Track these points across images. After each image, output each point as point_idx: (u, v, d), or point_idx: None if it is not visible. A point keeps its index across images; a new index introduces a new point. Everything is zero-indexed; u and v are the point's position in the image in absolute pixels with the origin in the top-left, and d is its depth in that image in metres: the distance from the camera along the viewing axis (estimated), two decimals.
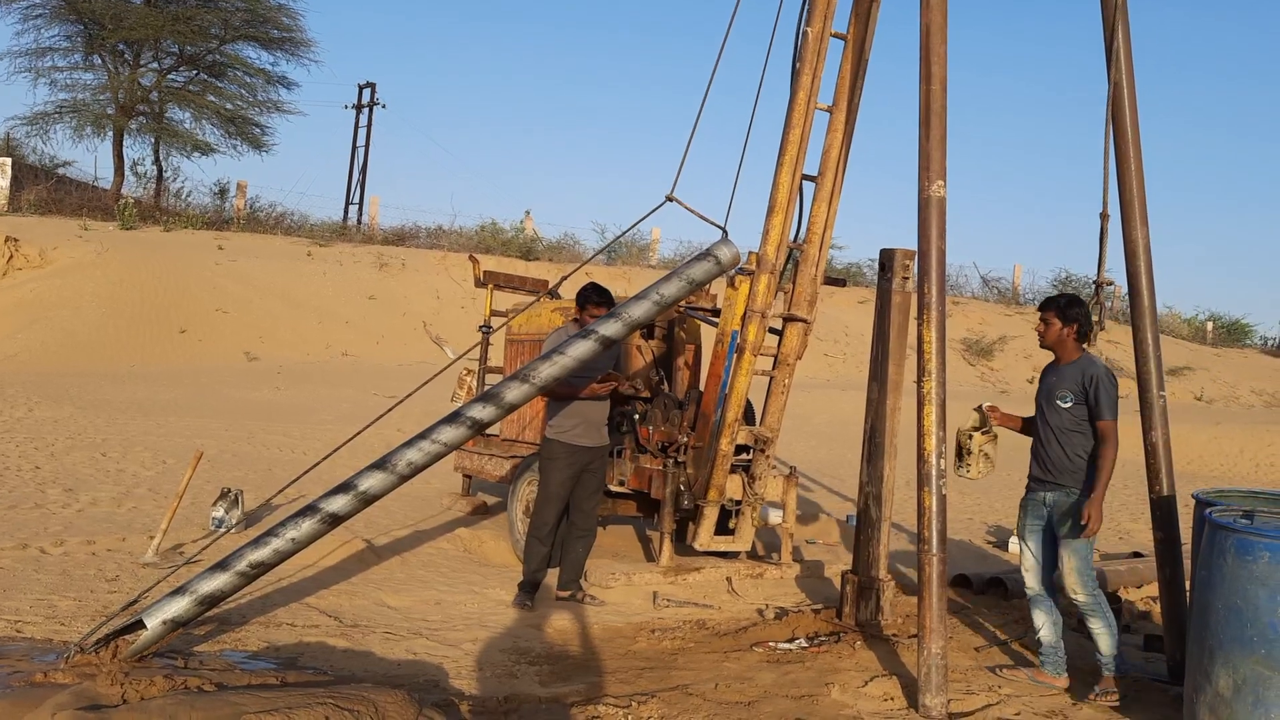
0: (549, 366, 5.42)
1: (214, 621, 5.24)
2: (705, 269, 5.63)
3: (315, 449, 11.27)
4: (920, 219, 4.82)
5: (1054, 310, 5.15)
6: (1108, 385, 4.98)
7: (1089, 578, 4.97)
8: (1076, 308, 5.13)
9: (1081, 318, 5.11)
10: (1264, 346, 34.34)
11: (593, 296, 6.19)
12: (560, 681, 4.84)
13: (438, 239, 29.14)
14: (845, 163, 6.66)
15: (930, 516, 4.63)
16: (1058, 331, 5.13)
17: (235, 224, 27.60)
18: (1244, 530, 3.98)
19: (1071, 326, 5.11)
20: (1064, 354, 5.17)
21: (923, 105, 4.88)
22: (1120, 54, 5.48)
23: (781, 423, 6.97)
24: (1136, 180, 5.50)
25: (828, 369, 24.26)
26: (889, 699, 4.73)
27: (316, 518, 4.94)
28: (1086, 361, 5.10)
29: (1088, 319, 5.15)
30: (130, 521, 7.52)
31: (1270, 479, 15.49)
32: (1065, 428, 5.06)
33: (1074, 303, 5.17)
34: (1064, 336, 5.13)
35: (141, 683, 3.75)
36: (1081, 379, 5.02)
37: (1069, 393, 5.05)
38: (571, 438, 6.20)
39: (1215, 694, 3.96)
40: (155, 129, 28.48)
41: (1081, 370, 5.05)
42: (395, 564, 6.89)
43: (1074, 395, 5.03)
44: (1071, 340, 5.13)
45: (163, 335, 20.47)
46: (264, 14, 28.80)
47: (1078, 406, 5.02)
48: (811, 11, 6.33)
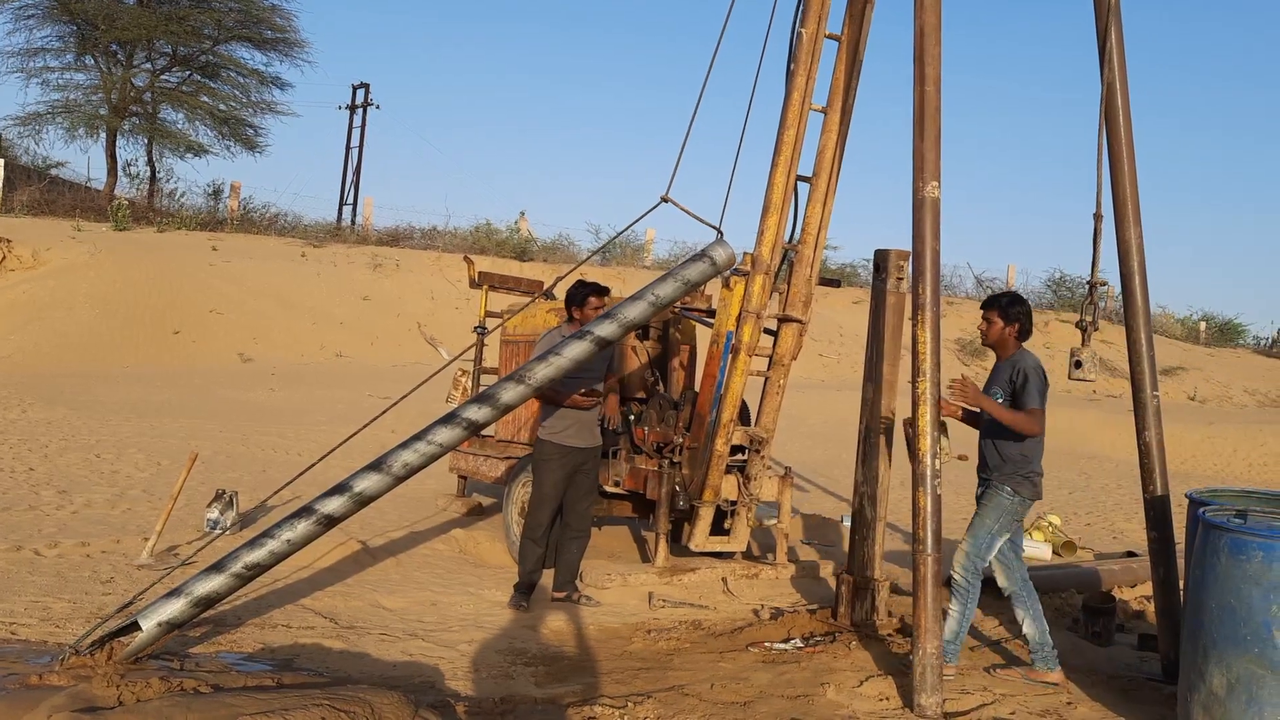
0: (544, 368, 5.43)
1: (209, 623, 5.24)
2: (700, 270, 5.63)
3: (309, 450, 11.26)
4: (915, 220, 4.84)
5: (996, 309, 5.20)
6: (1036, 377, 5.03)
7: (974, 563, 5.08)
8: (1018, 306, 5.20)
9: (1022, 317, 5.17)
10: (1257, 346, 34.42)
11: (590, 291, 6.20)
12: (556, 682, 4.84)
13: (432, 240, 29.11)
14: (840, 163, 6.67)
15: (925, 516, 4.64)
16: (1000, 330, 5.19)
17: (229, 225, 27.54)
18: (1237, 530, 4.00)
19: (1013, 325, 5.17)
20: (1003, 352, 5.22)
21: (917, 106, 4.89)
22: (1113, 55, 5.50)
23: (776, 423, 6.98)
24: (1129, 181, 5.52)
25: (823, 369, 24.28)
26: (884, 699, 4.74)
27: (312, 519, 4.94)
28: (1019, 356, 5.15)
29: (1028, 318, 5.21)
30: (125, 523, 7.51)
31: (1263, 478, 15.55)
32: (996, 424, 5.10)
33: (1016, 301, 5.24)
34: (1006, 335, 5.18)
35: (137, 685, 3.75)
36: (1011, 372, 5.08)
37: (999, 390, 5.12)
38: (564, 438, 6.20)
39: (1209, 693, 3.98)
40: (148, 130, 28.41)
41: (1013, 365, 5.10)
42: (391, 565, 6.89)
43: (1003, 391, 5.09)
44: (1012, 339, 5.18)
45: (156, 336, 20.42)
46: (257, 15, 28.74)
47: (1006, 401, 5.08)
48: (806, 12, 6.34)
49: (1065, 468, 15.00)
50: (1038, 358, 5.19)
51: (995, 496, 5.11)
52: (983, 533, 5.10)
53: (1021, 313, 5.17)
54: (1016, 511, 5.13)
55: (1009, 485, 5.08)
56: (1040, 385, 5.03)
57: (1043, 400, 5.03)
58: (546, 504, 6.24)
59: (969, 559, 5.09)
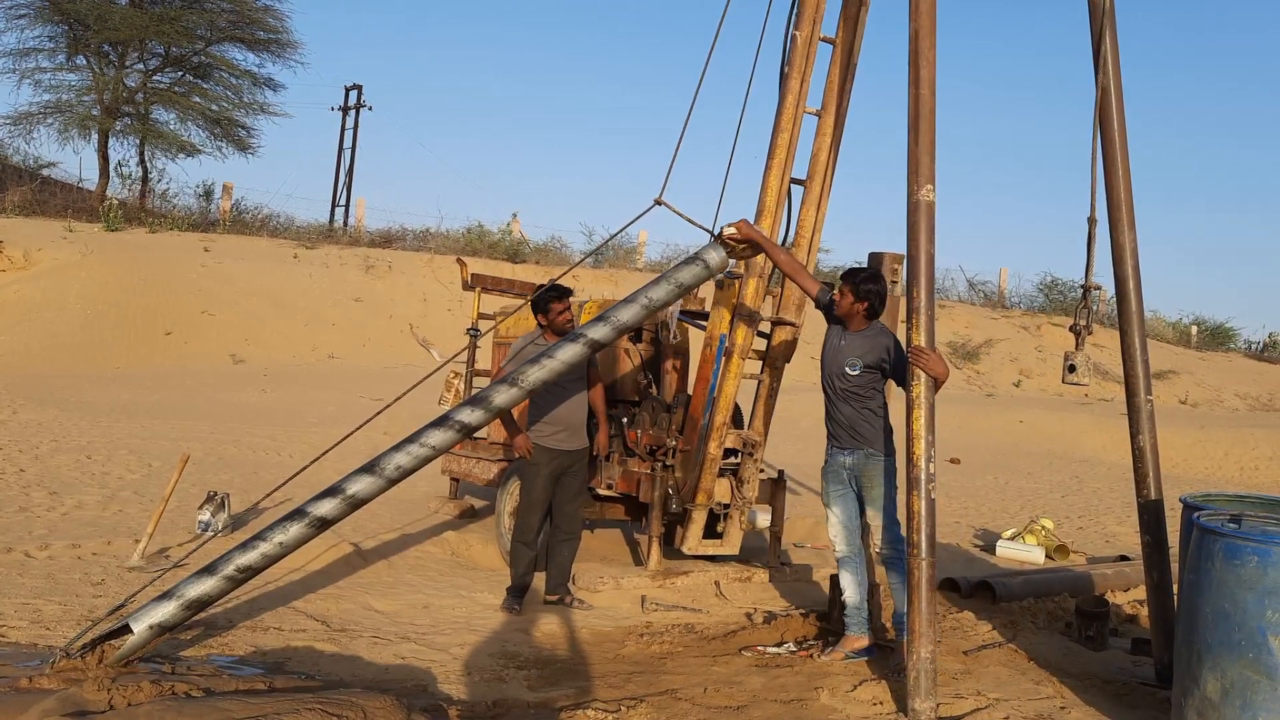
0: (537, 370, 5.42)
1: (201, 626, 5.21)
2: (694, 273, 5.63)
3: (302, 452, 11.22)
4: (909, 223, 4.83)
5: (849, 285, 5.39)
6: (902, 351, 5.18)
7: (894, 533, 5.30)
8: (871, 285, 5.39)
9: (872, 296, 5.38)
10: (1248, 350, 34.53)
11: (552, 296, 6.22)
12: (549, 686, 4.82)
13: (425, 241, 29.06)
14: (834, 166, 6.67)
15: (920, 520, 4.63)
16: (849, 304, 5.40)
17: (221, 226, 27.45)
18: (1232, 534, 4.00)
19: (862, 303, 5.38)
20: (853, 325, 5.44)
21: (911, 110, 4.89)
22: (1108, 59, 5.50)
23: (769, 426, 6.98)
24: (1124, 185, 5.53)
25: (816, 372, 24.17)
26: (878, 703, 4.73)
27: (304, 521, 4.92)
28: (877, 331, 5.39)
29: (879, 299, 5.41)
30: (116, 525, 7.47)
31: (1255, 482, 15.59)
32: (854, 392, 5.33)
33: (870, 280, 5.42)
34: (854, 310, 5.40)
35: (129, 688, 3.72)
36: (875, 348, 5.31)
37: (857, 360, 5.32)
38: (552, 441, 6.19)
39: (1203, 698, 3.98)
40: (140, 130, 28.30)
41: (872, 341, 5.33)
42: (383, 568, 6.86)
43: (862, 362, 5.29)
44: (860, 315, 5.40)
45: (148, 337, 20.35)
46: (250, 15, 28.64)
47: (868, 372, 5.30)
48: (800, 15, 6.34)
49: (1058, 471, 15.02)
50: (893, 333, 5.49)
51: (887, 465, 5.34)
52: (891, 504, 5.33)
53: (872, 292, 5.38)
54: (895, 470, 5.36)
55: (883, 450, 5.35)
56: None
57: None
58: (536, 507, 6.23)
59: (887, 531, 5.31)
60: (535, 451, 6.19)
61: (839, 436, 5.45)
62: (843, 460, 5.44)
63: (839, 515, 5.49)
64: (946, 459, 14.85)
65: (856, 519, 5.48)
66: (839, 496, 5.48)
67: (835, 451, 5.49)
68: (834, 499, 5.50)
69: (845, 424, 5.39)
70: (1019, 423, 19.04)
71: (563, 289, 6.31)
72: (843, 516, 5.48)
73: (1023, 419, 19.36)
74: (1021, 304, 33.68)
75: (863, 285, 5.38)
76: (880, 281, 5.47)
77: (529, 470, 6.22)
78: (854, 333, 5.43)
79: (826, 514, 5.57)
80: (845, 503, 5.47)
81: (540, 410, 6.20)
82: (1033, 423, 19.13)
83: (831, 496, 5.51)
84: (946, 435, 17.27)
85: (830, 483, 5.51)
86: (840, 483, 5.46)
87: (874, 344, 5.34)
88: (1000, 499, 12.11)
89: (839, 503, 5.49)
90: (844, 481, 5.45)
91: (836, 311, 5.50)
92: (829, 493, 5.52)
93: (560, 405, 6.19)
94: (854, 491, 5.45)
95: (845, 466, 5.43)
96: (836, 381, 5.42)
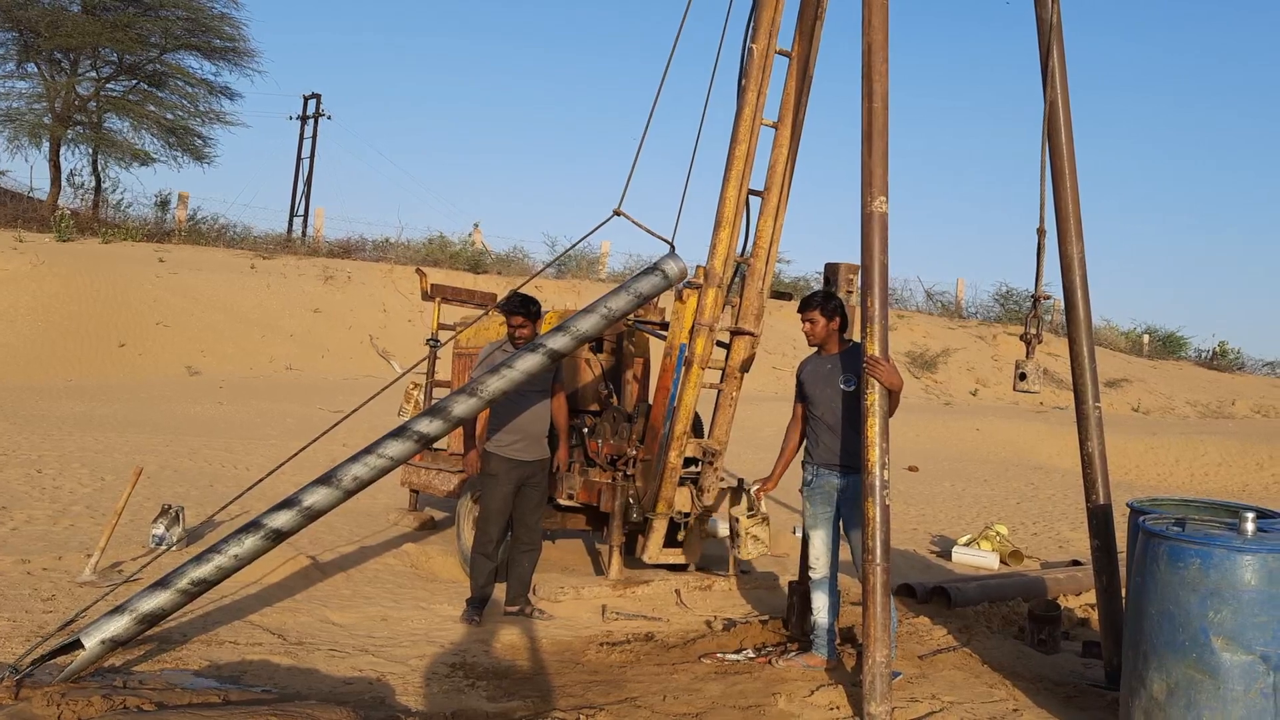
0: (496, 380, 5.43)
1: (155, 640, 5.15)
2: (652, 283, 5.67)
3: (259, 464, 11.11)
4: (863, 233, 4.89)
5: (817, 309, 5.44)
6: None
7: None
8: (834, 301, 5.49)
9: (840, 309, 5.47)
10: (1198, 359, 35.19)
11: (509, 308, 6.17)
12: (508, 696, 4.82)
13: (385, 252, 28.93)
14: (791, 178, 6.74)
15: (874, 527, 4.68)
16: (824, 327, 5.45)
17: (176, 236, 27.13)
18: (1175, 538, 4.08)
19: (834, 320, 5.45)
20: (831, 346, 5.49)
21: (865, 122, 4.96)
22: (1055, 73, 5.61)
23: (730, 435, 7.02)
24: (1072, 196, 5.63)
25: (776, 382, 24.41)
26: (834, 708, 4.78)
27: (260, 534, 4.89)
28: (856, 347, 5.36)
29: (845, 312, 5.50)
30: (67, 540, 7.35)
31: (1205, 488, 15.90)
32: (853, 410, 5.21)
33: (830, 297, 5.52)
34: (831, 331, 5.45)
35: (78, 703, 3.68)
36: (858, 363, 5.20)
37: (851, 375, 5.30)
38: (511, 452, 6.18)
39: (1150, 698, 4.06)
40: (93, 139, 27.94)
41: (857, 357, 5.22)
42: (341, 580, 6.82)
43: (856, 378, 5.25)
44: (836, 333, 5.47)
45: (101, 349, 20.06)
46: (206, 23, 28.41)
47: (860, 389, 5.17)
48: (757, 29, 6.41)
49: (1013, 478, 15.22)
50: None
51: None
52: None
53: (837, 306, 5.47)
54: None
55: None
56: None
57: None
58: (496, 518, 6.22)
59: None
60: (495, 462, 6.18)
61: (833, 458, 5.34)
62: (835, 483, 5.35)
63: (823, 538, 5.43)
64: (905, 467, 15.01)
65: (834, 542, 5.43)
66: (825, 519, 5.42)
67: (826, 473, 5.38)
68: (820, 521, 5.43)
69: (843, 447, 5.28)
70: (976, 431, 19.29)
71: (530, 301, 6.25)
72: (827, 539, 5.43)
73: (979, 427, 19.61)
74: (978, 314, 34.13)
75: (827, 303, 5.42)
76: (837, 297, 5.55)
77: (489, 481, 6.21)
78: (837, 353, 5.44)
79: (807, 535, 5.50)
80: (829, 526, 5.42)
81: (500, 420, 6.19)
82: (989, 431, 19.38)
83: (818, 519, 5.43)
84: (905, 443, 17.48)
85: (817, 505, 5.43)
86: (828, 504, 5.39)
87: (854, 358, 5.27)
88: (957, 506, 12.26)
89: (825, 525, 5.42)
90: (831, 503, 5.38)
91: (813, 341, 5.51)
92: (815, 514, 5.44)
93: (520, 415, 6.19)
94: (835, 512, 5.40)
95: (838, 489, 5.34)
96: (831, 401, 5.35)
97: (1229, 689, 3.88)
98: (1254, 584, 3.89)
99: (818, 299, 5.47)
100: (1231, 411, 27.73)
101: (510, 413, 6.16)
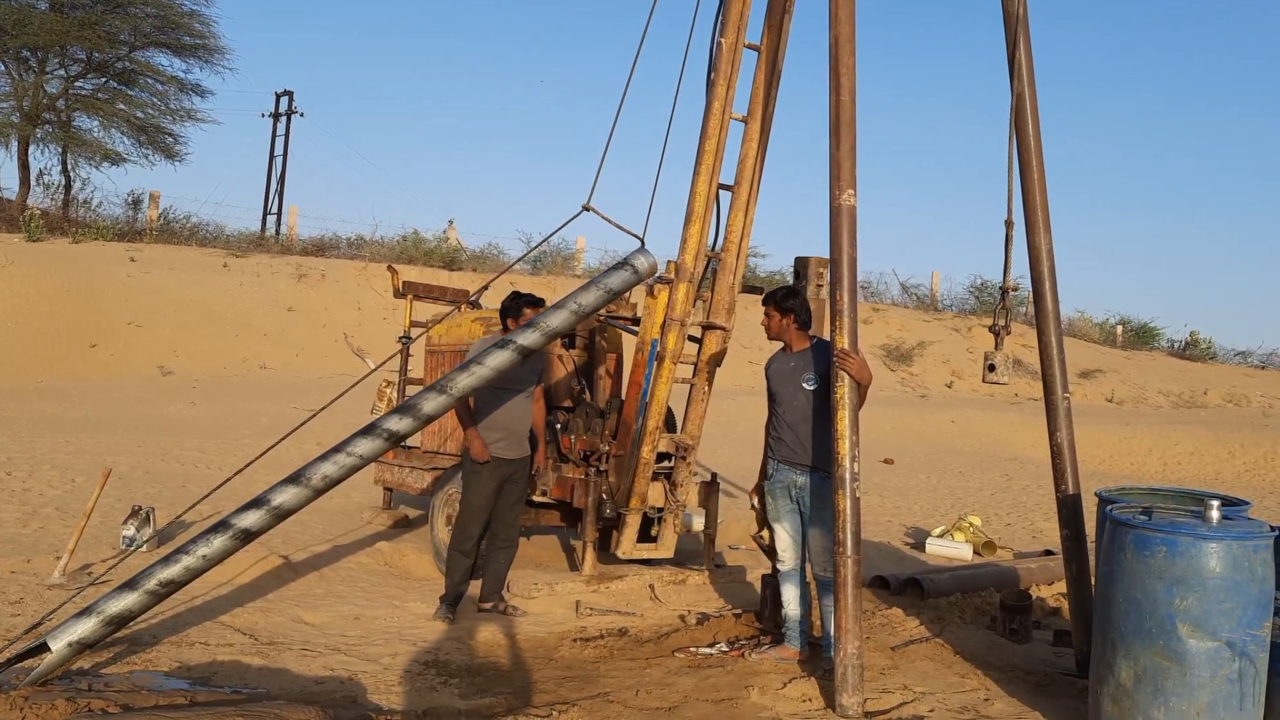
0: (466, 377, 5.41)
1: (124, 642, 5.09)
2: (623, 278, 5.66)
3: (232, 465, 11.01)
4: (831, 227, 4.91)
5: (772, 304, 5.44)
6: None
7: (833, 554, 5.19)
8: (792, 299, 5.44)
9: (797, 308, 5.43)
10: (1170, 349, 35.49)
11: (525, 303, 6.12)
12: (481, 694, 4.80)
13: (358, 249, 28.76)
14: (761, 172, 6.75)
15: (845, 519, 4.70)
16: (779, 323, 5.44)
17: (148, 235, 26.85)
18: (1142, 526, 4.12)
19: (789, 317, 5.42)
20: (793, 342, 5.47)
21: (832, 116, 4.97)
22: (1022, 66, 5.64)
23: (703, 429, 7.03)
24: (1040, 188, 5.66)
25: (750, 377, 24.40)
26: (807, 700, 4.79)
27: (229, 534, 4.85)
28: (823, 344, 5.34)
29: (803, 309, 5.46)
30: (36, 542, 7.28)
31: (1177, 476, 16.06)
32: (816, 409, 5.24)
33: (789, 295, 5.48)
34: (786, 326, 5.44)
35: (42, 706, 3.64)
36: (822, 359, 5.26)
37: (814, 374, 5.29)
38: (495, 450, 6.16)
39: (1118, 685, 4.10)
40: (62, 138, 27.60)
41: (824, 354, 5.24)
42: (313, 579, 6.78)
43: (819, 377, 5.25)
44: (794, 329, 5.44)
45: (72, 350, 19.86)
46: (176, 20, 28.09)
47: (823, 387, 5.21)
48: (725, 23, 6.41)
49: (987, 469, 15.32)
50: None
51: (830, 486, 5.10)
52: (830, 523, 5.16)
53: (795, 304, 5.43)
54: None
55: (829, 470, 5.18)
56: None
57: None
58: (477, 515, 6.18)
59: (828, 554, 5.18)
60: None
61: (794, 455, 5.35)
62: (794, 479, 5.36)
63: (789, 531, 5.45)
64: (880, 459, 15.07)
65: (800, 534, 5.44)
66: (789, 513, 5.43)
67: (785, 470, 5.39)
68: (784, 514, 5.45)
69: (804, 444, 5.30)
70: (951, 423, 19.40)
71: (537, 298, 6.20)
72: (792, 532, 5.45)
73: (954, 419, 19.73)
74: (953, 306, 34.28)
75: (783, 301, 5.41)
76: (798, 294, 5.51)
77: (472, 478, 6.17)
78: (799, 350, 5.43)
79: (773, 528, 5.53)
80: (794, 519, 5.43)
81: (484, 418, 6.15)
82: (964, 423, 19.50)
83: (782, 513, 5.45)
84: (881, 436, 17.55)
85: (779, 498, 5.45)
86: (789, 499, 5.41)
87: (821, 354, 5.29)
88: (932, 498, 12.33)
89: (789, 519, 5.44)
90: (792, 498, 5.40)
91: (770, 335, 5.52)
92: (778, 509, 5.46)
93: (504, 413, 6.15)
94: (798, 508, 5.41)
95: (797, 485, 5.35)
96: (793, 399, 5.34)
97: (1195, 675, 3.93)
98: (1219, 571, 3.93)
99: (775, 295, 5.46)
100: (1204, 401, 28.01)
101: (494, 410, 6.13)
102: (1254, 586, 3.96)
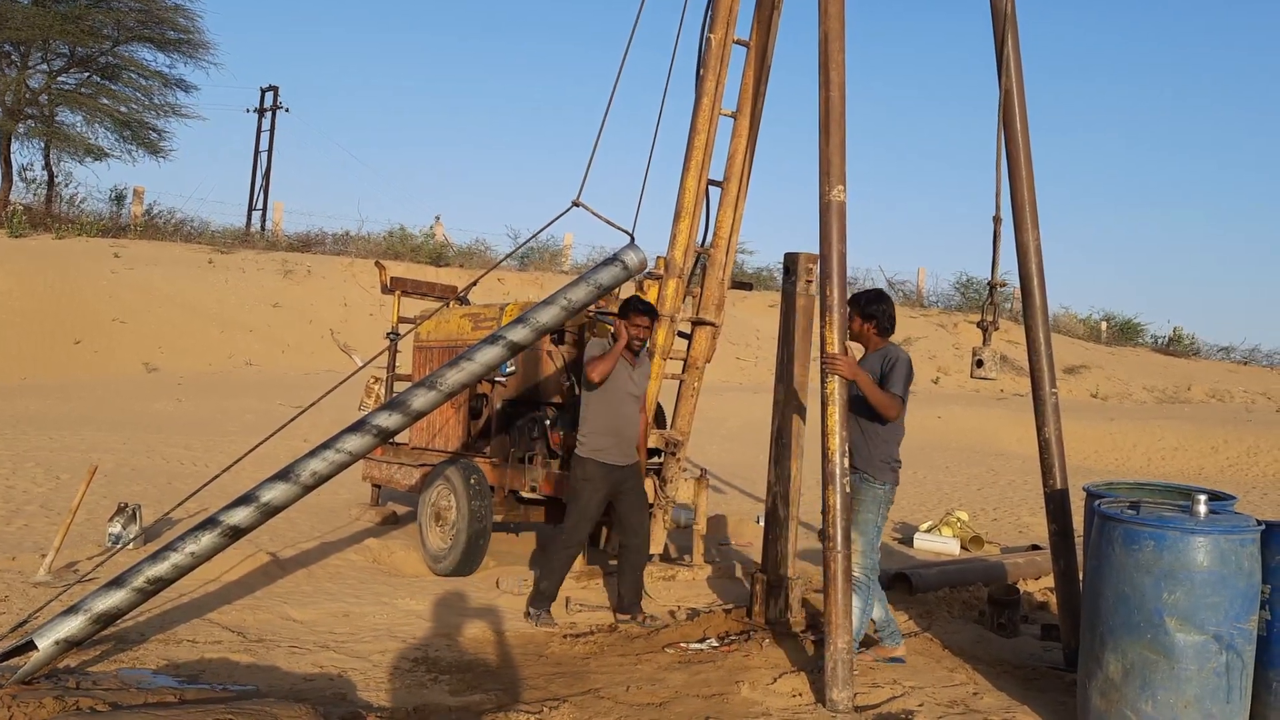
0: (456, 373, 5.38)
1: (111, 640, 5.07)
2: (612, 274, 5.65)
3: (218, 462, 10.97)
4: (821, 223, 4.91)
5: (856, 308, 5.42)
6: (903, 368, 5.25)
7: (868, 558, 5.22)
8: (876, 305, 5.42)
9: (879, 314, 5.42)
10: (1155, 345, 35.66)
11: (636, 306, 6.06)
12: (471, 690, 4.80)
13: (345, 245, 28.64)
14: (750, 168, 6.75)
15: (834, 514, 4.71)
16: (859, 326, 5.43)
17: (132, 231, 26.66)
18: (1130, 520, 4.14)
19: (870, 323, 5.41)
20: (869, 346, 5.47)
21: (822, 112, 4.98)
22: (1010, 62, 5.66)
23: (692, 425, 7.03)
24: (1027, 185, 5.69)
25: (739, 372, 24.50)
26: (797, 694, 4.80)
27: (217, 531, 4.82)
28: (890, 349, 5.38)
29: (886, 316, 5.44)
30: (21, 540, 7.23)
31: (1161, 471, 16.15)
32: (864, 413, 5.24)
33: (875, 300, 5.45)
34: (865, 331, 5.43)
35: (29, 704, 3.61)
36: (881, 363, 5.30)
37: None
38: (605, 456, 6.01)
39: (1106, 678, 4.12)
40: (45, 133, 27.36)
41: (883, 356, 5.32)
42: (302, 576, 6.75)
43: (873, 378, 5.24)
44: (873, 334, 5.43)
45: (56, 347, 19.73)
46: (159, 14, 27.85)
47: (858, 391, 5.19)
48: (714, 19, 6.41)
49: (974, 464, 15.37)
50: (909, 355, 5.44)
51: (869, 489, 5.24)
52: (869, 527, 5.25)
53: (878, 310, 5.41)
54: (888, 500, 5.34)
55: (877, 477, 5.26)
56: (906, 375, 5.26)
57: (906, 390, 5.26)
58: (587, 521, 6.11)
59: (864, 556, 5.20)
60: (590, 466, 6.00)
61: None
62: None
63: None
64: None
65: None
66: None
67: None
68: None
69: (855, 445, 5.19)
70: (937, 418, 19.44)
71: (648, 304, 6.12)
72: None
73: (941, 415, 19.77)
74: (939, 303, 34.37)
75: (867, 307, 5.38)
76: (885, 301, 5.46)
77: (582, 485, 6.02)
78: (871, 354, 5.41)
79: None
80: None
81: (594, 424, 6.02)
82: (951, 418, 19.55)
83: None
84: None
85: None
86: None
87: (884, 359, 5.29)
88: (919, 493, 12.36)
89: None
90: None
91: (851, 336, 5.39)
92: None
93: (615, 418, 6.02)
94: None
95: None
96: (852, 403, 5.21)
97: (1183, 669, 3.95)
98: (1206, 565, 3.96)
99: (862, 300, 5.40)
100: (1187, 396, 28.15)
101: (606, 416, 6.01)
102: (1241, 580, 3.99)
